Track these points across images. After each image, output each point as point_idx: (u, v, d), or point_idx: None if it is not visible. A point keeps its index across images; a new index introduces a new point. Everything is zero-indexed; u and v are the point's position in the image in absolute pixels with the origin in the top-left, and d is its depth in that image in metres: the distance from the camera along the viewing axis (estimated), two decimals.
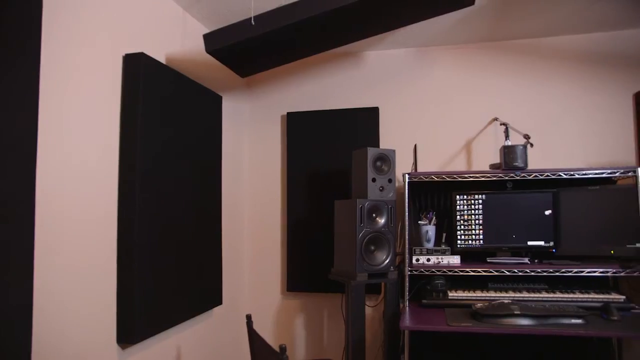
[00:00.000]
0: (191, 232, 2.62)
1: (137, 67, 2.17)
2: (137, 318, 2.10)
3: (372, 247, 2.62)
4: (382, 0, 2.13)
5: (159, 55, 2.46)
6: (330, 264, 2.85)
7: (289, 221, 3.40)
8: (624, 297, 2.50)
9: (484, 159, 3.16)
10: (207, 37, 2.34)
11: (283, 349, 1.61)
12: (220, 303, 2.94)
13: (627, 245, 2.60)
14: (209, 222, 2.84)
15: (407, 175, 2.78)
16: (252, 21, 2.24)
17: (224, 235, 3.06)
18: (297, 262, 3.36)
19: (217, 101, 2.97)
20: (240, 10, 2.73)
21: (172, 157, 2.44)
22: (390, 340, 2.76)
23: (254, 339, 2.10)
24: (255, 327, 2.15)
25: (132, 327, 2.07)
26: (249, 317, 2.16)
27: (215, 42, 2.34)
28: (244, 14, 2.73)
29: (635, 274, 2.53)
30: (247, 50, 2.46)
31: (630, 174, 2.63)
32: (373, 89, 3.40)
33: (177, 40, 2.66)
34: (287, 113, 3.46)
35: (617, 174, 2.66)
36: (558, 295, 2.57)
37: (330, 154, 3.34)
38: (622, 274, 2.55)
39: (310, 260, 3.31)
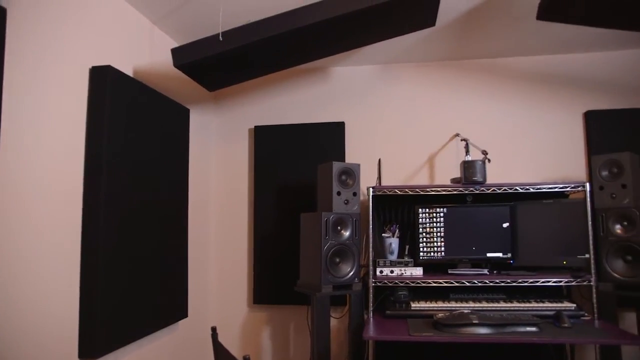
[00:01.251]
0: (157, 244, 2.62)
1: (103, 79, 2.17)
2: (100, 331, 2.08)
3: (337, 260, 2.67)
4: (348, 21, 2.21)
5: (127, 67, 2.46)
6: (296, 276, 2.88)
7: (255, 233, 3.42)
8: (574, 305, 2.63)
9: (445, 173, 3.27)
10: (175, 52, 2.37)
11: (247, 359, 1.63)
12: (186, 316, 2.93)
13: (578, 256, 2.74)
14: (175, 234, 2.84)
15: (371, 188, 2.86)
16: (220, 37, 2.29)
17: (191, 248, 3.05)
18: (264, 275, 3.38)
19: (184, 114, 2.99)
20: (209, 25, 2.77)
21: (138, 169, 2.44)
22: (355, 351, 2.80)
23: (219, 351, 2.10)
24: (221, 340, 2.16)
25: (94, 341, 2.05)
26: (213, 329, 2.16)
27: (183, 57, 2.37)
28: (212, 29, 2.77)
29: (584, 283, 2.67)
30: (214, 65, 2.50)
31: (580, 188, 2.78)
32: (339, 104, 3.48)
33: (145, 53, 2.68)
34: (255, 126, 3.50)
35: (568, 189, 2.81)
36: (515, 304, 2.67)
37: (297, 167, 3.39)
38: (573, 283, 2.69)
39: (277, 273, 3.33)
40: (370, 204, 2.85)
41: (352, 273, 2.67)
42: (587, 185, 2.75)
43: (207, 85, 2.81)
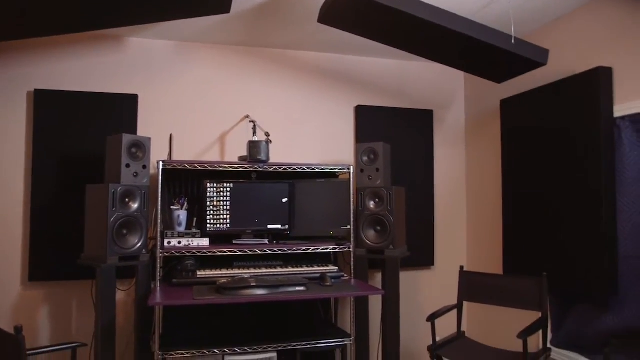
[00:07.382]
0: None
1: None
2: None
3: (125, 231, 2.69)
4: None
5: None
6: (81, 250, 2.80)
7: (33, 205, 3.17)
8: (337, 268, 3.14)
9: (235, 151, 3.50)
10: None
11: (18, 329, 1.62)
12: None
13: (342, 227, 3.26)
14: None
15: (161, 162, 2.94)
16: None
17: None
18: (42, 250, 3.16)
19: None
20: None
21: None
22: (141, 321, 2.86)
23: None
24: None
25: None
26: None
27: None
28: None
29: (346, 250, 3.21)
30: None
31: (346, 170, 3.30)
32: (133, 76, 3.42)
33: None
34: (35, 90, 3.21)
35: (337, 170, 3.31)
36: (290, 269, 3.06)
37: (84, 137, 3.23)
38: (337, 250, 3.20)
39: (59, 247, 3.14)
40: (160, 177, 2.92)
41: (139, 244, 2.73)
42: (352, 168, 3.27)
43: None
